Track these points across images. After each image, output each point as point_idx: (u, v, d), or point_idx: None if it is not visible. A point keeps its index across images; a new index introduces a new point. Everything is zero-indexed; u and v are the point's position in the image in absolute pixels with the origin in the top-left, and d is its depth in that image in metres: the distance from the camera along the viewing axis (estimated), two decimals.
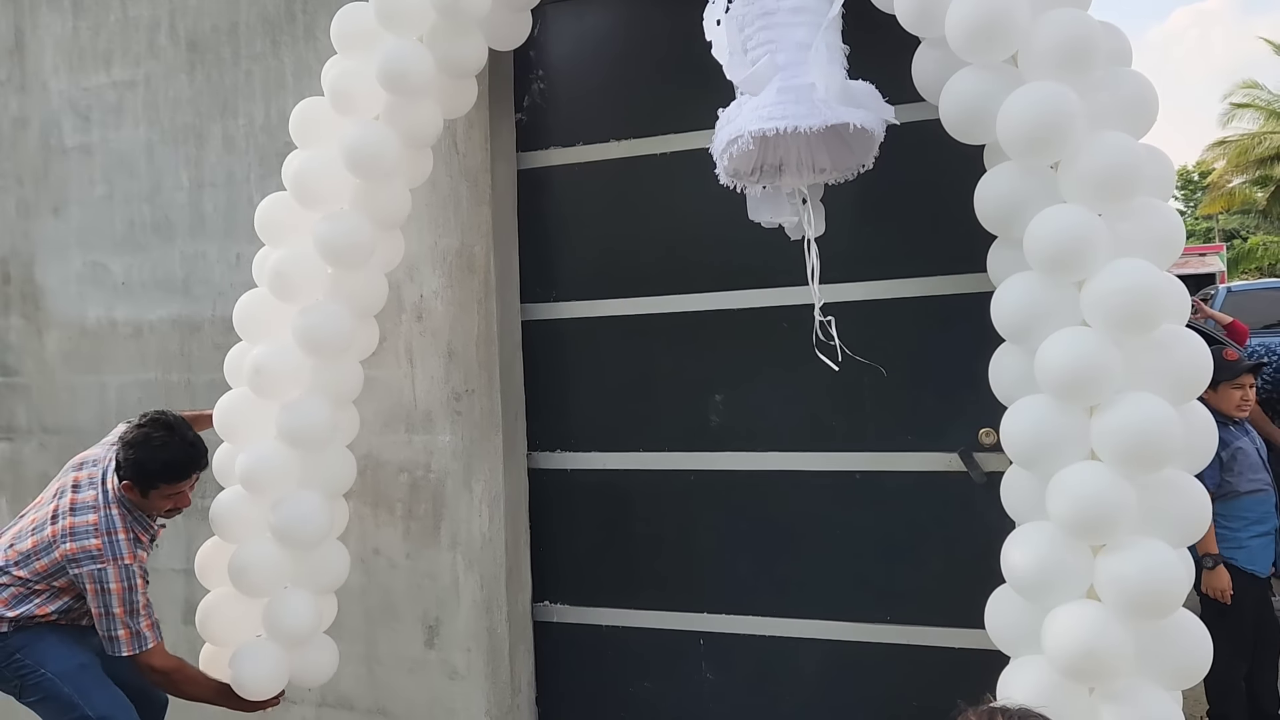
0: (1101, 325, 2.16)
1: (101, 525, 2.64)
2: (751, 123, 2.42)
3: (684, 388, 3.43)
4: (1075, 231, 2.16)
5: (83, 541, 2.60)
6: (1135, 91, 2.32)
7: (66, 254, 4.18)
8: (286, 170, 2.97)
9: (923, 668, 3.15)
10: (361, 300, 3.09)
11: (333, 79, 2.95)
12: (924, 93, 2.56)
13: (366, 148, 2.88)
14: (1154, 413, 2.08)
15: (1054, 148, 2.21)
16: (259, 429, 2.96)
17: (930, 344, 3.15)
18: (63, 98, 4.17)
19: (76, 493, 2.71)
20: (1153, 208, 2.28)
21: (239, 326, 3.08)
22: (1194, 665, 2.15)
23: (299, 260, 2.94)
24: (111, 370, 4.08)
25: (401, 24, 2.87)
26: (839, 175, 2.90)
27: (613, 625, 3.52)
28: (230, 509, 2.98)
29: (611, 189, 3.52)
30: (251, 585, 2.92)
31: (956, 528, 3.11)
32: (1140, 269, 2.13)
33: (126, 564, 2.60)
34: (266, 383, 2.92)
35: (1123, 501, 2.08)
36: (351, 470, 3.20)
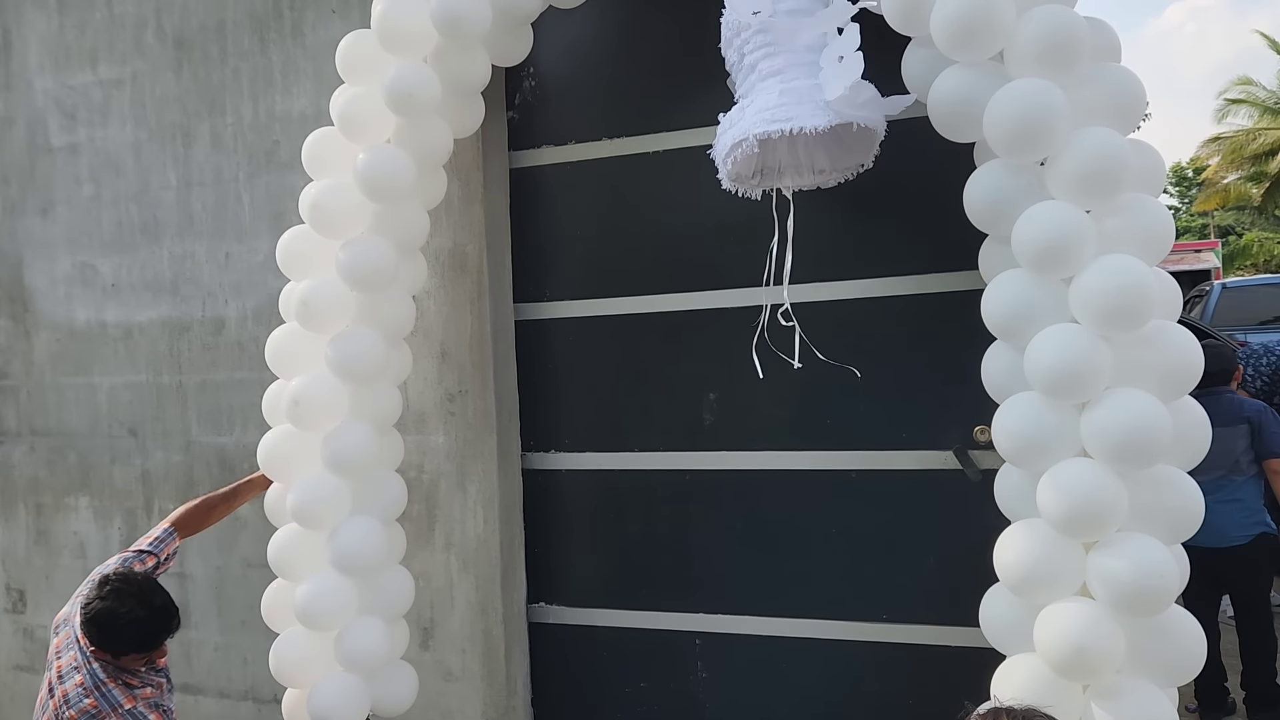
0: (1090, 322, 2.15)
1: (88, 683, 2.58)
2: (755, 125, 2.41)
3: (678, 387, 3.41)
4: (1062, 228, 2.15)
5: (79, 705, 2.56)
6: (1122, 86, 2.30)
7: (54, 255, 4.15)
8: (304, 202, 2.96)
9: (918, 666, 3.14)
10: (390, 323, 3.07)
11: (341, 106, 2.96)
12: (914, 91, 2.54)
13: (381, 171, 2.87)
14: (1143, 409, 2.06)
15: (1040, 144, 2.20)
16: (305, 463, 2.94)
17: (925, 341, 3.13)
18: (48, 96, 4.14)
19: (59, 658, 2.66)
20: (1141, 203, 2.26)
21: (272, 364, 3.05)
22: (1187, 662, 2.13)
23: (324, 289, 2.92)
24: (101, 372, 4.06)
25: (405, 46, 2.88)
26: (839, 176, 2.89)
27: (608, 626, 3.50)
28: (287, 547, 2.96)
29: (604, 187, 3.50)
30: (319, 619, 2.89)
31: (952, 526, 3.09)
32: (1128, 265, 2.11)
33: (128, 709, 2.56)
34: (306, 414, 2.89)
35: (1114, 498, 2.07)
36: (402, 491, 3.16)
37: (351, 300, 2.96)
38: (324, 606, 2.88)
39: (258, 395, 3.74)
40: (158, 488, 3.97)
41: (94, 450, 4.10)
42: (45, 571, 4.21)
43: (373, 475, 3.04)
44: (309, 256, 3.02)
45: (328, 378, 2.92)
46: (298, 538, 2.95)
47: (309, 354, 2.96)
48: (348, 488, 2.94)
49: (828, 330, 3.21)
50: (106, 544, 4.05)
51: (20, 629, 4.28)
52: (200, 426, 3.88)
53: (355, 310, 2.98)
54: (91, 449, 4.10)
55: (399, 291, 3.12)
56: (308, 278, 2.97)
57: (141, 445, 4.00)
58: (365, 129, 2.94)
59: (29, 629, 4.26)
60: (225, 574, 3.85)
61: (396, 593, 3.10)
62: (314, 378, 2.92)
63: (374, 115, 2.92)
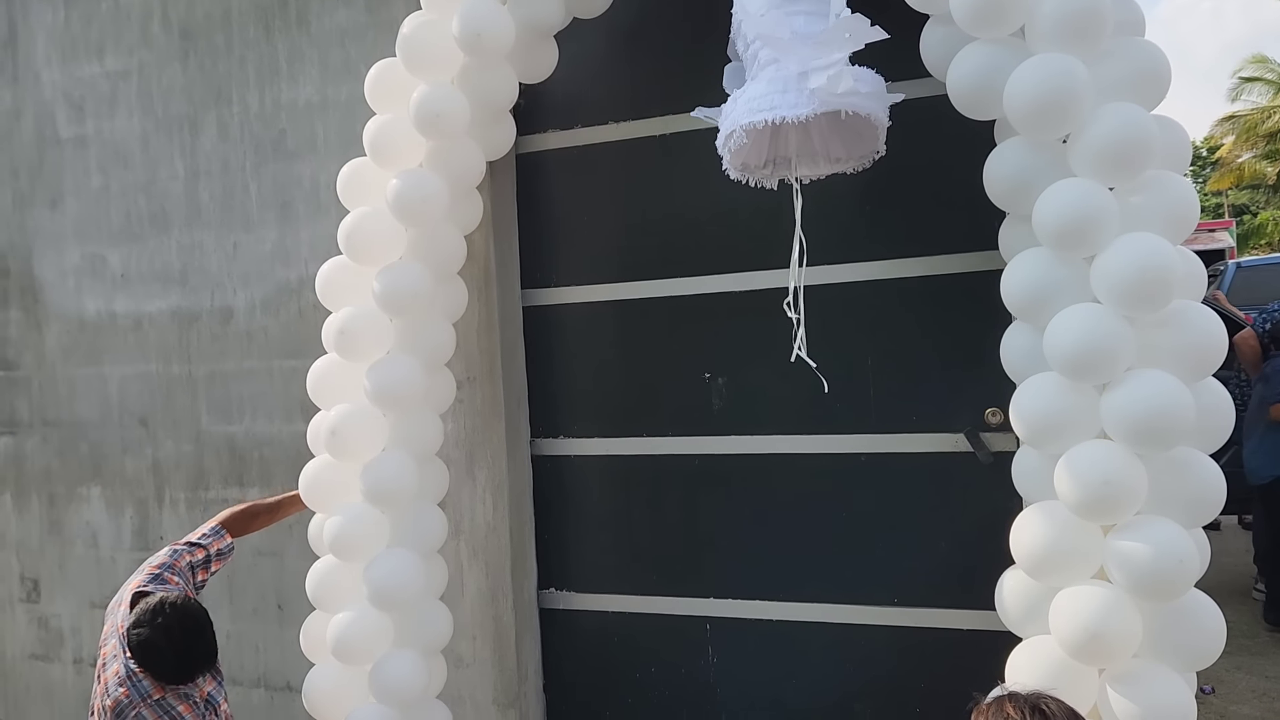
0: (1112, 301, 2.11)
1: (123, 673, 2.59)
2: (743, 115, 2.39)
3: (686, 371, 3.40)
4: (1084, 206, 2.11)
5: (114, 694, 2.58)
6: (1146, 62, 2.25)
7: (64, 246, 4.16)
8: (341, 232, 2.93)
9: (930, 650, 3.13)
10: (429, 350, 3.04)
11: (372, 135, 2.94)
12: (933, 70, 2.51)
13: (413, 194, 2.85)
14: (1166, 390, 2.03)
15: (1062, 120, 2.17)
16: (344, 492, 2.92)
17: (936, 323, 3.11)
18: (56, 88, 4.14)
19: (105, 645, 2.70)
20: (1165, 180, 2.22)
21: (313, 394, 3.03)
22: (1206, 647, 2.10)
23: (361, 318, 2.90)
24: (111, 362, 4.06)
25: (431, 68, 2.87)
26: (855, 164, 2.85)
27: (619, 611, 3.50)
28: (325, 577, 2.95)
29: (611, 172, 3.48)
30: (352, 653, 2.87)
31: (963, 509, 3.07)
32: (1152, 244, 2.08)
33: (155, 699, 2.56)
34: (343, 445, 2.87)
35: (1134, 481, 2.04)
36: (443, 525, 3.13)
37: (389, 328, 2.93)
38: (358, 639, 2.86)
39: (266, 384, 3.77)
40: (169, 477, 3.98)
41: (105, 440, 4.11)
42: (59, 561, 4.23)
43: (412, 507, 2.99)
44: (346, 285, 2.99)
45: (366, 407, 2.89)
46: (335, 569, 2.93)
47: (349, 385, 2.93)
48: (386, 519, 2.92)
49: (838, 312, 3.19)
50: (118, 533, 4.07)
51: (34, 618, 4.30)
52: (210, 416, 3.88)
53: (395, 338, 2.95)
54: (103, 439, 4.11)
55: (438, 317, 3.09)
56: (345, 306, 2.95)
57: (152, 435, 4.01)
58: (397, 155, 2.92)
59: (43, 618, 4.28)
60: (236, 562, 3.84)
61: (434, 626, 3.05)
62: (352, 408, 2.89)
63: (404, 141, 2.91)
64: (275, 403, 3.74)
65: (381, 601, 2.86)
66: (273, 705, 3.78)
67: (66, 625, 4.23)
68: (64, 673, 4.24)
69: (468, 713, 3.46)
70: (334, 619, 2.88)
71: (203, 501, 3.90)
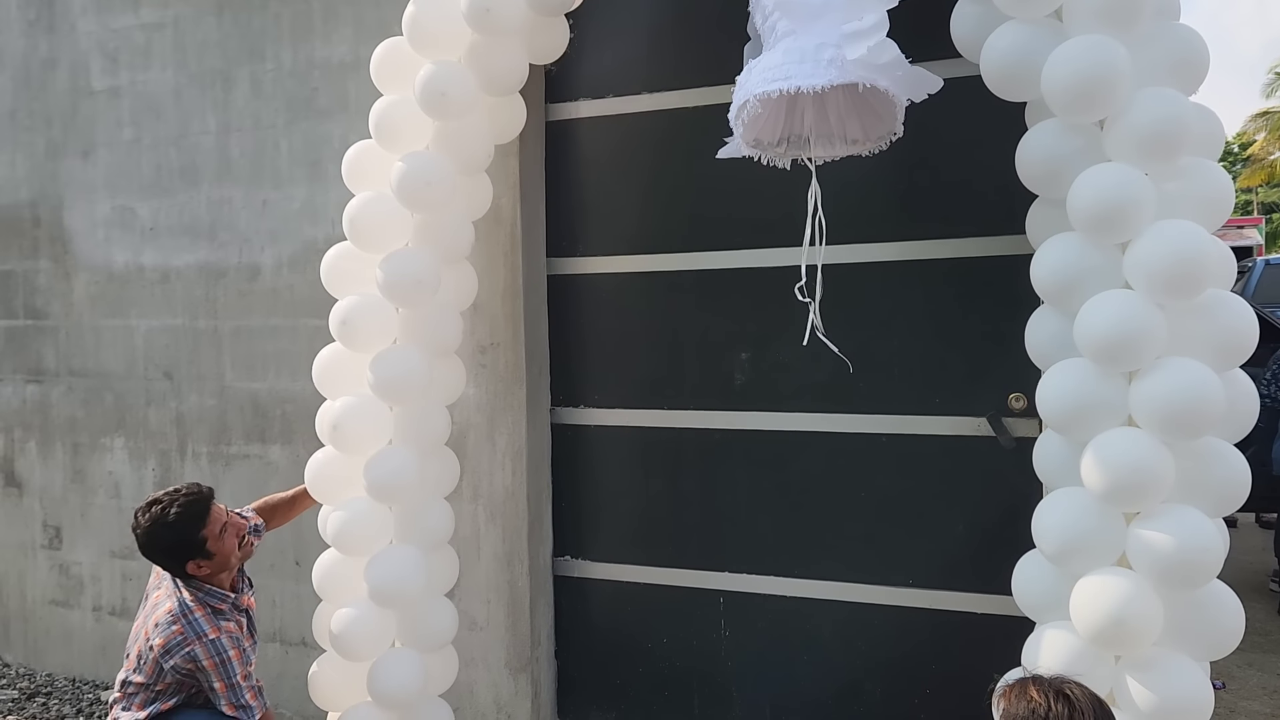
0: (1145, 288, 2.10)
1: (176, 610, 2.65)
2: (757, 85, 2.35)
3: (710, 346, 3.40)
4: (1121, 191, 2.09)
5: (166, 632, 2.62)
6: (1185, 46, 2.23)
7: (94, 197, 4.18)
8: (345, 217, 2.91)
9: (942, 632, 3.13)
10: (435, 339, 3.00)
11: (377, 115, 2.92)
12: (963, 50, 2.48)
13: (418, 176, 2.82)
14: (1197, 379, 2.02)
15: (1101, 103, 2.14)
16: (349, 486, 2.90)
17: (962, 306, 3.09)
18: (91, 39, 4.15)
19: (158, 589, 2.76)
20: (1201, 167, 2.20)
21: (319, 383, 3.01)
22: (1225, 637, 2.10)
23: (365, 307, 2.86)
24: (138, 315, 4.09)
25: (437, 47, 2.84)
26: (872, 145, 2.82)
27: (633, 581, 3.52)
28: (328, 571, 2.96)
29: (641, 143, 3.46)
30: (351, 648, 2.87)
31: (983, 492, 3.07)
32: (1187, 231, 2.06)
33: (212, 639, 2.60)
34: (346, 438, 2.85)
35: (1161, 469, 2.03)
36: (450, 520, 3.10)
37: (394, 316, 2.91)
38: (358, 639, 2.86)
39: (291, 342, 3.79)
40: (191, 430, 4.01)
41: (130, 392, 4.15)
42: (81, 509, 4.28)
43: (417, 501, 2.97)
44: (351, 273, 2.96)
45: (370, 400, 2.87)
46: (340, 563, 2.94)
47: (353, 374, 2.90)
48: (389, 514, 2.91)
49: (864, 292, 3.18)
50: (140, 484, 4.12)
51: (56, 565, 4.36)
52: (234, 371, 3.91)
53: (400, 326, 2.92)
54: (127, 390, 4.15)
55: (445, 307, 3.05)
56: (350, 294, 2.92)
57: (176, 388, 4.04)
58: (401, 137, 2.89)
59: (64, 565, 4.34)
60: None
61: (435, 624, 3.03)
62: (354, 400, 2.87)
63: (410, 122, 2.87)
64: (300, 360, 3.76)
65: (382, 599, 2.85)
66: (287, 659, 3.82)
67: (87, 573, 4.28)
68: (83, 618, 4.31)
69: (480, 675, 3.50)
70: (335, 614, 2.89)
71: (225, 456, 3.94)
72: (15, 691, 4.21)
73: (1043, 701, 1.64)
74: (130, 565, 4.17)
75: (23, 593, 4.46)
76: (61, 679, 4.33)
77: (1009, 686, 1.74)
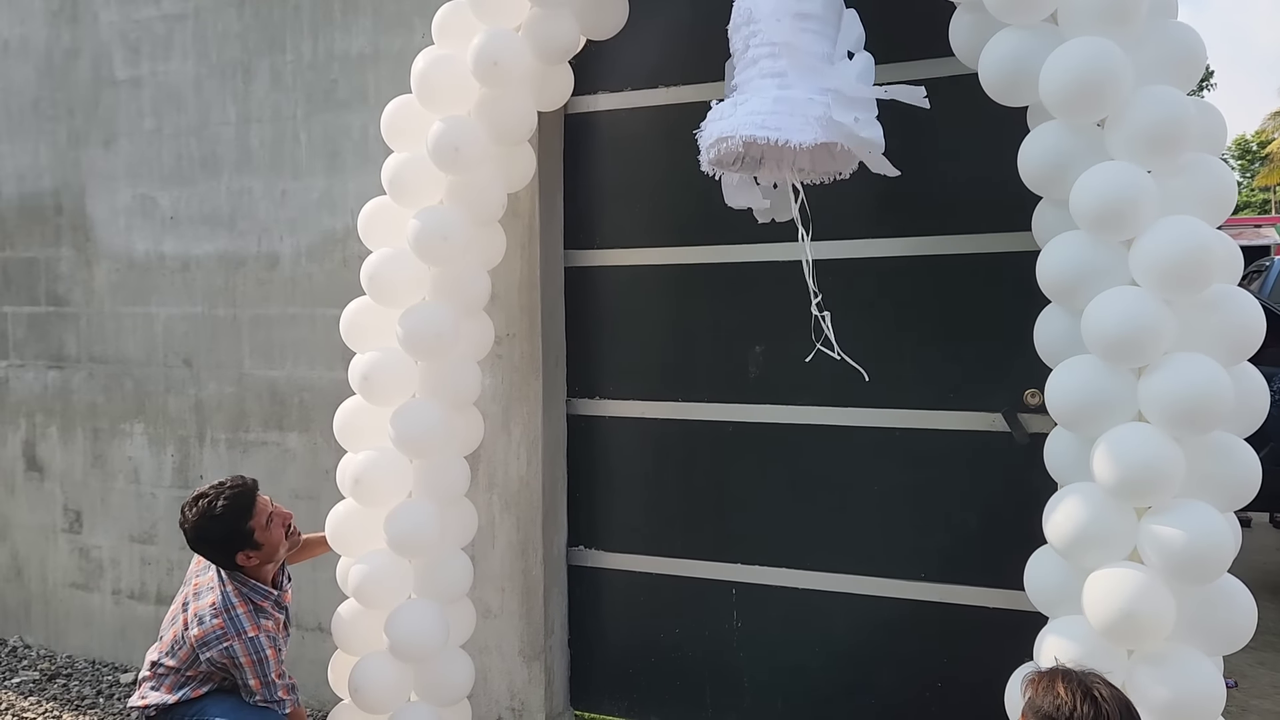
0: (1152, 284, 2.11)
1: (220, 604, 2.68)
2: (744, 128, 2.40)
3: (725, 339, 3.41)
4: (1124, 189, 2.10)
5: (206, 625, 2.66)
6: (1181, 43, 2.24)
7: (115, 186, 4.22)
8: (364, 273, 2.94)
9: (955, 626, 3.15)
10: (455, 391, 3.03)
11: (391, 172, 2.95)
12: (962, 57, 2.51)
13: (434, 231, 2.85)
14: (1205, 374, 2.03)
15: (1101, 103, 2.16)
16: (369, 539, 2.93)
17: (977, 302, 3.10)
18: (113, 29, 4.19)
19: (199, 577, 2.79)
20: (1203, 163, 2.21)
21: (340, 437, 3.04)
22: (1237, 632, 2.11)
23: (386, 363, 2.89)
24: (159, 303, 4.14)
25: (446, 102, 2.88)
26: (817, 177, 2.87)
27: (646, 572, 3.54)
28: (347, 622, 2.98)
29: (659, 136, 3.48)
30: (370, 701, 2.90)
31: (996, 488, 3.08)
32: (1191, 226, 2.08)
33: (251, 637, 2.64)
34: (367, 492, 2.89)
35: (1171, 464, 2.04)
36: (468, 572, 3.12)
37: (413, 369, 2.94)
38: (376, 691, 2.89)
39: (309, 331, 3.83)
40: (210, 417, 4.06)
41: (150, 379, 4.19)
42: (101, 494, 4.33)
43: (436, 553, 2.99)
44: (370, 328, 2.99)
45: (391, 454, 2.90)
46: (358, 615, 2.96)
47: (374, 427, 2.93)
48: (409, 568, 2.94)
49: (881, 286, 3.19)
50: (159, 470, 4.16)
51: (76, 548, 4.42)
52: (253, 359, 3.95)
53: (419, 379, 2.96)
54: (147, 377, 4.20)
55: (462, 359, 3.07)
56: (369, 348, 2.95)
57: (195, 376, 4.08)
58: (415, 193, 2.92)
59: (85, 549, 4.40)
60: None
61: (452, 678, 3.05)
62: (377, 454, 2.90)
63: (424, 180, 2.90)
64: (317, 349, 3.80)
65: (402, 653, 2.88)
66: (304, 644, 3.86)
67: (106, 556, 4.34)
68: (103, 602, 4.36)
69: (493, 662, 3.53)
70: (355, 665, 2.92)
71: (243, 443, 3.98)
72: (36, 673, 4.27)
73: (1069, 700, 1.63)
74: (149, 550, 4.23)
75: (44, 576, 4.52)
76: (81, 660, 4.38)
77: (1038, 675, 1.73)
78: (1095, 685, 1.68)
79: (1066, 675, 1.70)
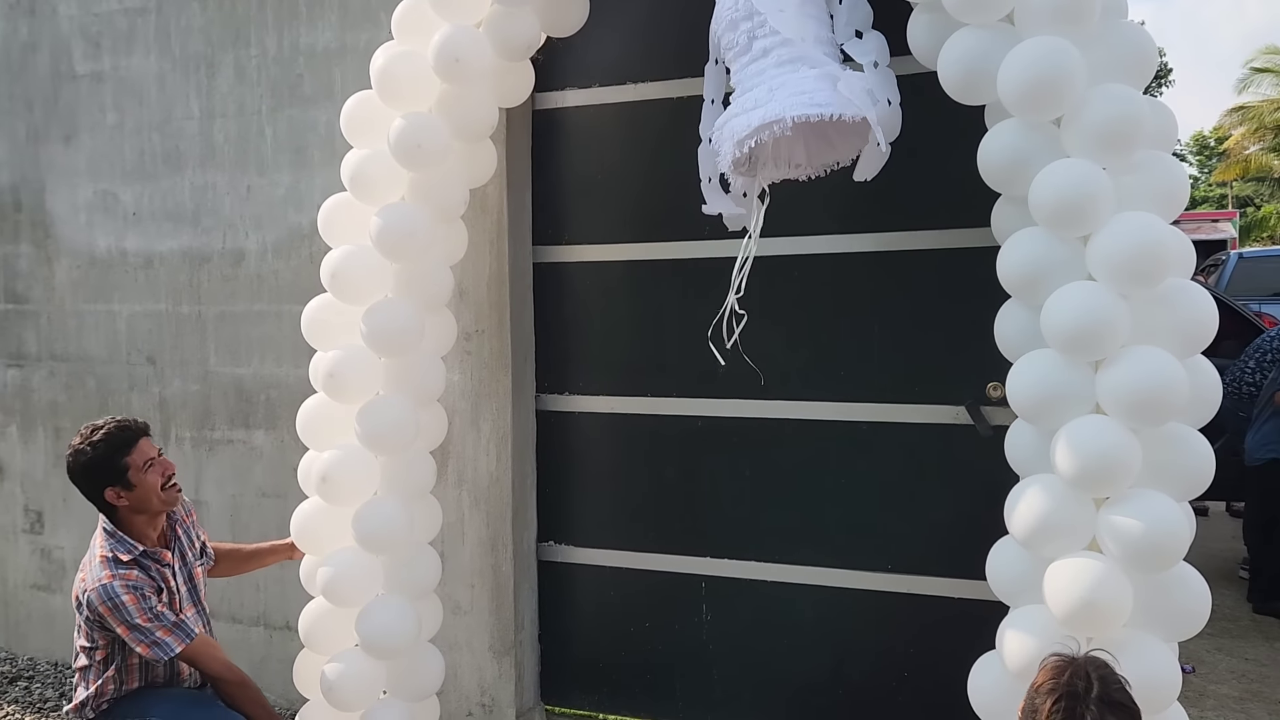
0: (1108, 279, 2.16)
1: (85, 560, 2.72)
2: (794, 108, 2.36)
3: (693, 334, 3.43)
4: (1081, 185, 2.15)
5: (74, 584, 2.71)
6: (1133, 43, 2.29)
7: (76, 182, 4.17)
8: (325, 270, 2.92)
9: (922, 616, 3.19)
10: (420, 387, 3.03)
11: (351, 168, 2.93)
12: (920, 57, 2.54)
13: (397, 228, 2.85)
14: (1161, 367, 2.08)
15: (1057, 102, 2.20)
16: (336, 538, 2.93)
17: (940, 298, 3.14)
18: (73, 23, 4.13)
19: None
20: (1157, 160, 2.27)
21: (303, 435, 3.03)
22: (1192, 618, 2.17)
23: (350, 360, 2.88)
24: (121, 300, 4.09)
25: (407, 98, 2.86)
26: (812, 171, 2.89)
27: (616, 566, 3.56)
28: (316, 621, 2.98)
29: (627, 132, 3.49)
30: (343, 699, 2.90)
31: (961, 480, 3.12)
32: (1147, 222, 2.13)
33: (104, 584, 2.62)
34: (334, 490, 2.88)
35: (1128, 455, 2.09)
36: (437, 567, 3.12)
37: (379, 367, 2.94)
38: (349, 689, 2.89)
39: (276, 328, 3.80)
40: (174, 415, 4.02)
41: (112, 377, 4.14)
42: (63, 494, 4.27)
43: (404, 551, 2.99)
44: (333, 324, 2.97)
45: (357, 450, 2.89)
46: (328, 614, 2.96)
47: (339, 425, 2.93)
48: (378, 565, 2.94)
49: (846, 282, 3.23)
50: None
51: (38, 549, 4.36)
52: (218, 357, 3.92)
53: (384, 375, 2.95)
54: (110, 375, 4.15)
55: (426, 355, 3.07)
56: (333, 346, 2.94)
57: (159, 374, 4.04)
58: (376, 189, 2.91)
59: (46, 550, 4.34)
60: (240, 502, 3.91)
61: (424, 673, 3.07)
62: (344, 452, 2.89)
63: (385, 175, 2.89)
64: (284, 346, 3.78)
65: (372, 650, 2.89)
66: (271, 643, 3.85)
67: (69, 557, 4.28)
68: (65, 603, 4.29)
69: (463, 658, 3.54)
70: (326, 664, 2.91)
71: (208, 441, 3.95)
72: None
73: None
74: None
75: (4, 577, 4.45)
76: (44, 663, 4.33)
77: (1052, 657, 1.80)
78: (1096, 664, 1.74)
79: (1074, 661, 1.77)
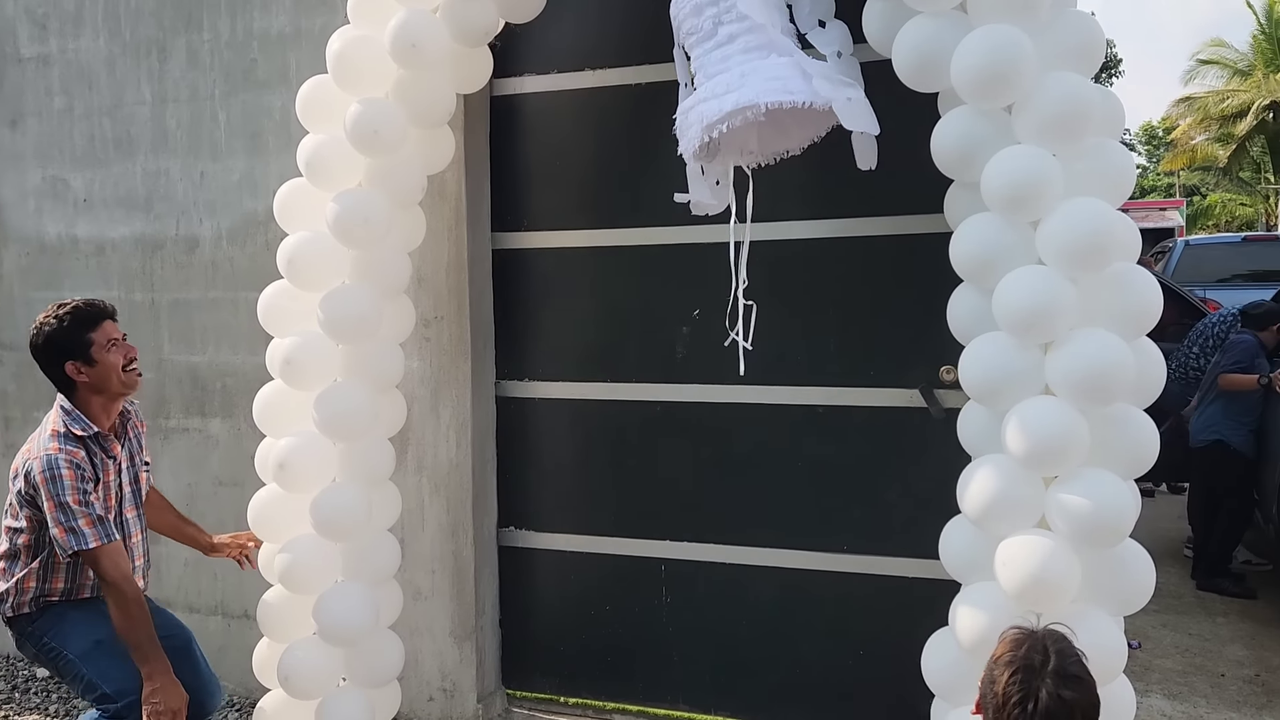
0: (1057, 263, 2.22)
1: (33, 435, 2.68)
2: (767, 94, 2.39)
3: (651, 320, 3.46)
4: (1032, 172, 2.21)
5: (18, 459, 2.67)
6: (1083, 31, 2.34)
7: (24, 167, 4.09)
8: (281, 257, 2.90)
9: (877, 595, 3.25)
10: (378, 373, 3.02)
11: (307, 154, 2.91)
12: (875, 45, 2.58)
13: (354, 214, 2.84)
14: (1107, 348, 2.15)
15: (1008, 89, 2.25)
16: (294, 524, 2.91)
17: (895, 282, 3.19)
18: (18, 5, 4.04)
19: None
20: (1105, 147, 2.33)
21: (260, 422, 3.01)
22: (1138, 592, 2.24)
23: (307, 346, 2.88)
24: (72, 288, 4.02)
25: (364, 84, 2.85)
26: (763, 159, 2.92)
27: (577, 551, 3.58)
28: (274, 608, 2.96)
29: (586, 119, 3.50)
30: (300, 688, 2.90)
31: (915, 462, 3.18)
32: (1095, 207, 2.19)
33: (49, 454, 2.56)
34: (291, 477, 2.87)
35: (1076, 434, 2.15)
36: (396, 554, 3.13)
37: (336, 351, 2.93)
38: (305, 678, 2.90)
39: (232, 315, 3.77)
40: None
41: None
42: None
43: (362, 535, 2.99)
44: (290, 311, 2.96)
45: (316, 437, 2.88)
46: (286, 601, 2.95)
47: (296, 412, 2.92)
48: (336, 551, 2.93)
49: (799, 267, 3.27)
50: None
51: None
52: (173, 345, 3.87)
53: (342, 360, 2.94)
54: None
55: (385, 341, 3.06)
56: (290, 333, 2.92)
57: None
58: (333, 174, 2.89)
59: None
60: (196, 491, 3.87)
61: (383, 659, 3.07)
62: (303, 439, 2.88)
63: (342, 160, 2.88)
64: (240, 334, 3.74)
65: (331, 637, 2.89)
66: (229, 632, 3.82)
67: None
68: None
69: (424, 644, 3.54)
70: (283, 652, 2.91)
71: (164, 430, 3.90)
72: None
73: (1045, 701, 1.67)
74: None
75: None
76: None
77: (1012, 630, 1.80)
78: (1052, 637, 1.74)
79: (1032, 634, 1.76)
